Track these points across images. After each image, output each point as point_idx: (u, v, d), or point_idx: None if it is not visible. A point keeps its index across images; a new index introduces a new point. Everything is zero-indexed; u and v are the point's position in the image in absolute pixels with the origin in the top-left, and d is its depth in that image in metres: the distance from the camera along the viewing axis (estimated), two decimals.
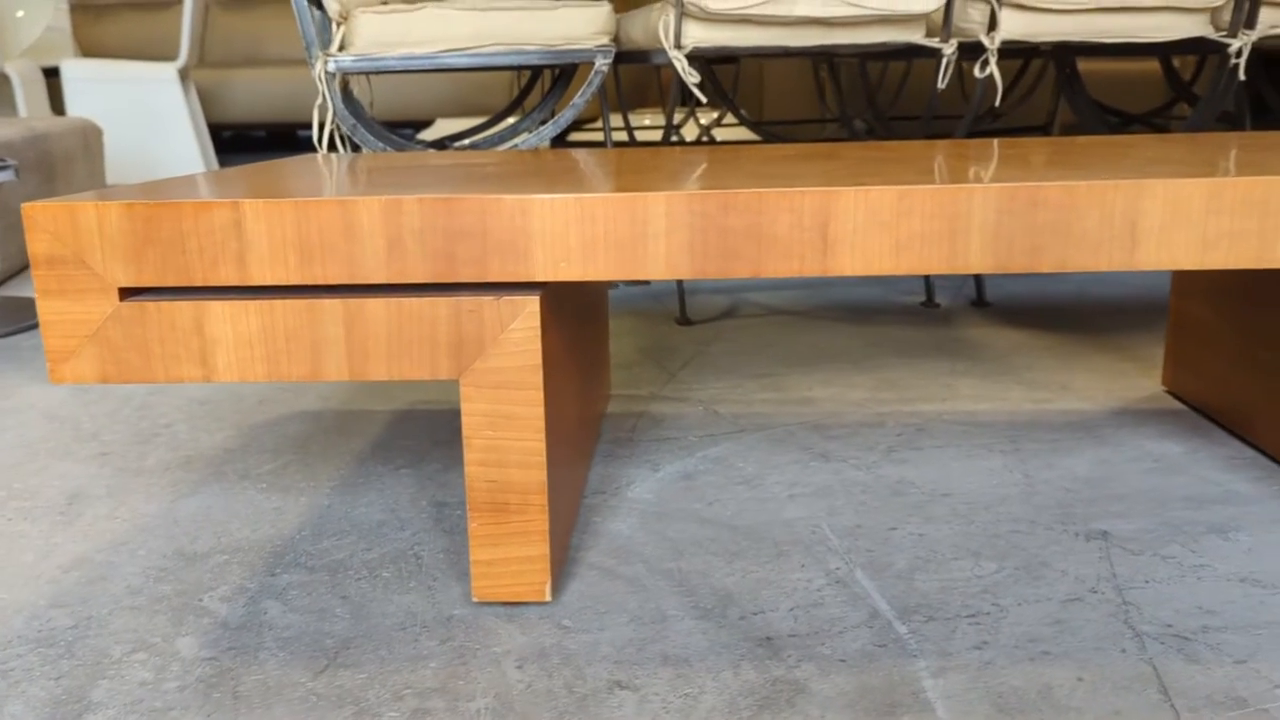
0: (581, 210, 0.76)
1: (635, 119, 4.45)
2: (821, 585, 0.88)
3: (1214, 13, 1.91)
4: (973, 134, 3.31)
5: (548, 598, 0.84)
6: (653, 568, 0.92)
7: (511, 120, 3.01)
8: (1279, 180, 0.73)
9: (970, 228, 0.75)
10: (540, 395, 0.79)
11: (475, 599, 0.84)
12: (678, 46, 1.77)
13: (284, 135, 6.03)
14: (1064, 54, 2.33)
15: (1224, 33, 1.91)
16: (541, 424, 0.79)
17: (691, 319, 1.87)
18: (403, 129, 5.14)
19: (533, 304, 0.77)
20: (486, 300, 0.77)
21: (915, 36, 1.85)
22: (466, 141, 2.40)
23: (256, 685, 0.75)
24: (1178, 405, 1.31)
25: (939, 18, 1.84)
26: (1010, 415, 1.29)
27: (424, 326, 0.78)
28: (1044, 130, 3.12)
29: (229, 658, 0.78)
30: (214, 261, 0.77)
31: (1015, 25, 1.82)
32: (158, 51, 5.50)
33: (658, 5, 1.84)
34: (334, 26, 1.95)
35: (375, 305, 0.78)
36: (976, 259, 0.75)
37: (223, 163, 5.01)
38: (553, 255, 0.77)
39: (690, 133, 4.05)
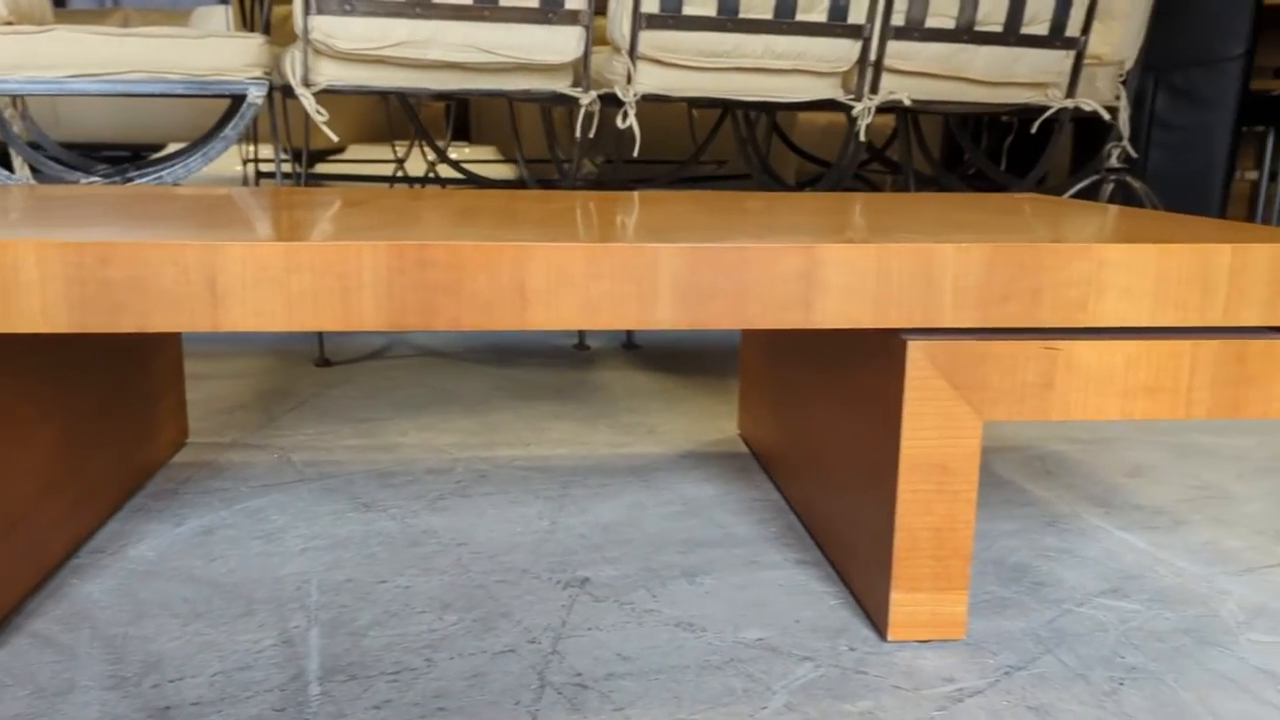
0: None
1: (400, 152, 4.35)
2: (267, 646, 0.85)
3: (844, 77, 2.05)
4: (683, 182, 3.43)
5: None
6: (99, 633, 0.87)
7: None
8: (649, 247, 0.76)
9: (362, 285, 0.75)
10: None
11: None
12: (307, 85, 1.73)
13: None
14: (733, 108, 2.44)
15: (852, 96, 2.04)
16: None
17: (331, 360, 1.83)
18: (147, 151, 4.86)
19: None
20: None
21: (559, 86, 1.89)
22: (135, 173, 2.28)
23: None
24: (743, 450, 1.37)
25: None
26: (580, 460, 1.32)
27: None
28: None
29: None
30: None
31: (652, 80, 1.88)
32: None
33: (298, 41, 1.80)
34: None
35: None
36: (371, 317, 0.75)
37: None
38: None
39: (417, 168, 4.01)
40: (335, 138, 1.72)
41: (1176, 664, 0.83)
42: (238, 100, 1.94)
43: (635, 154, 1.91)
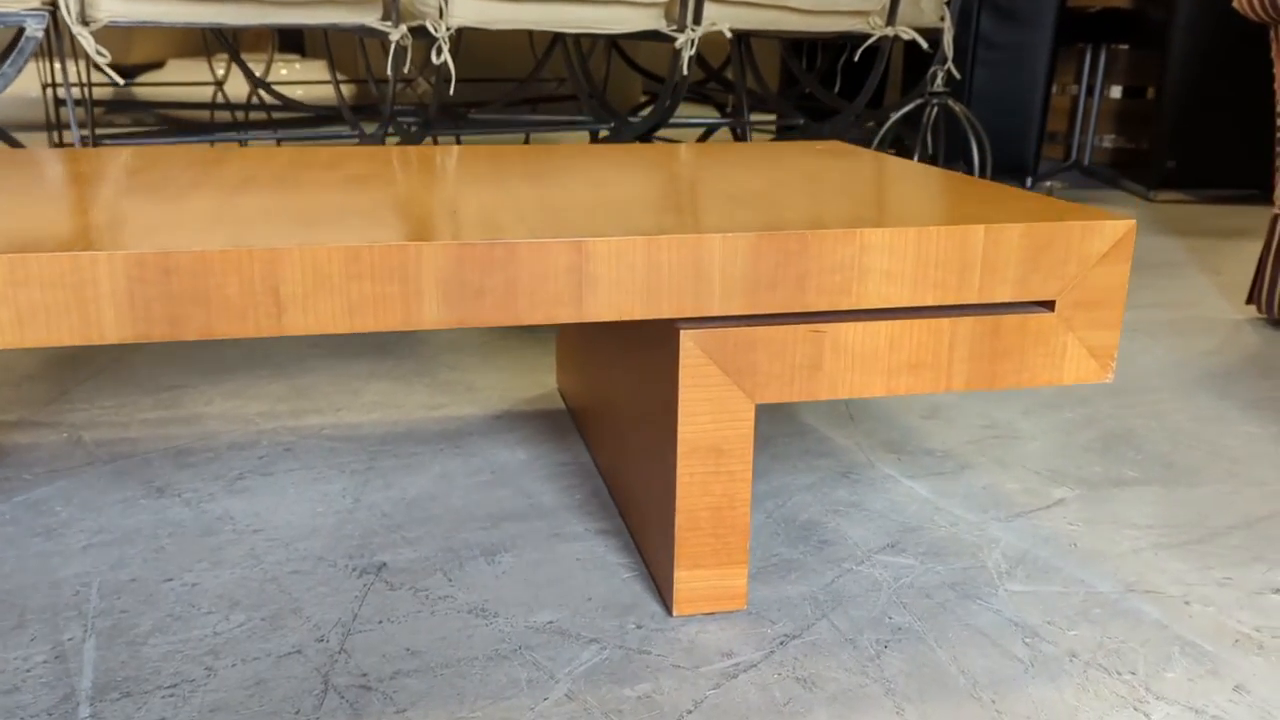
0: None
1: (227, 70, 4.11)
2: (38, 663, 0.82)
3: (667, 7, 2.01)
4: (521, 104, 3.35)
5: None
6: None
7: None
8: (411, 246, 0.74)
9: (100, 297, 0.70)
10: None
11: None
12: (85, 22, 1.60)
13: None
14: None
15: (675, 26, 2.01)
16: None
17: None
18: None
19: None
20: None
21: (367, 19, 1.80)
22: None
23: None
24: (559, 406, 1.38)
25: None
26: (391, 426, 1.30)
27: None
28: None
29: None
30: None
31: (466, 12, 1.81)
32: None
33: None
34: None
35: None
36: (112, 330, 0.71)
37: None
38: None
39: (239, 85, 3.80)
40: (120, 81, 1.60)
41: (938, 621, 0.88)
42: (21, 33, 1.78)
43: (452, 92, 1.84)
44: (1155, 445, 1.29)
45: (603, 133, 2.71)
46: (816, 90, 2.80)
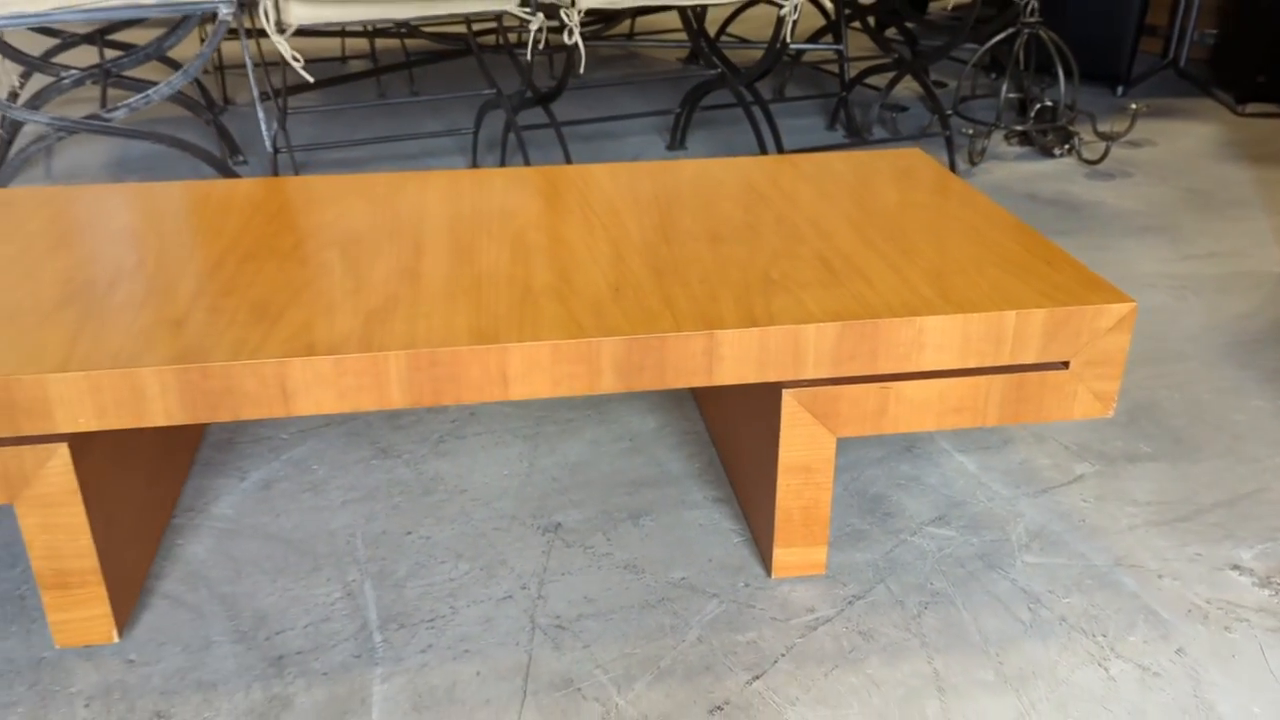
0: None
1: None
2: (336, 599, 1.21)
3: None
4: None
5: (115, 639, 1.13)
6: (214, 592, 1.22)
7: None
8: (594, 341, 1.05)
9: (390, 381, 1.04)
10: (82, 510, 1.05)
11: (57, 645, 1.12)
12: (280, 30, 1.89)
13: None
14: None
15: None
16: (86, 532, 1.06)
17: None
18: None
19: (63, 450, 1.01)
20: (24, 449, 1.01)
21: (509, 5, 2.05)
22: (117, 109, 2.40)
23: None
24: None
25: None
26: None
27: None
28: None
29: None
30: None
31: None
32: None
33: None
34: None
35: None
36: (397, 399, 1.05)
37: None
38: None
39: None
40: (310, 79, 1.90)
41: (966, 588, 1.21)
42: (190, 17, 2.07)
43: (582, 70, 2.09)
44: (1172, 419, 1.56)
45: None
46: (900, 6, 2.92)
